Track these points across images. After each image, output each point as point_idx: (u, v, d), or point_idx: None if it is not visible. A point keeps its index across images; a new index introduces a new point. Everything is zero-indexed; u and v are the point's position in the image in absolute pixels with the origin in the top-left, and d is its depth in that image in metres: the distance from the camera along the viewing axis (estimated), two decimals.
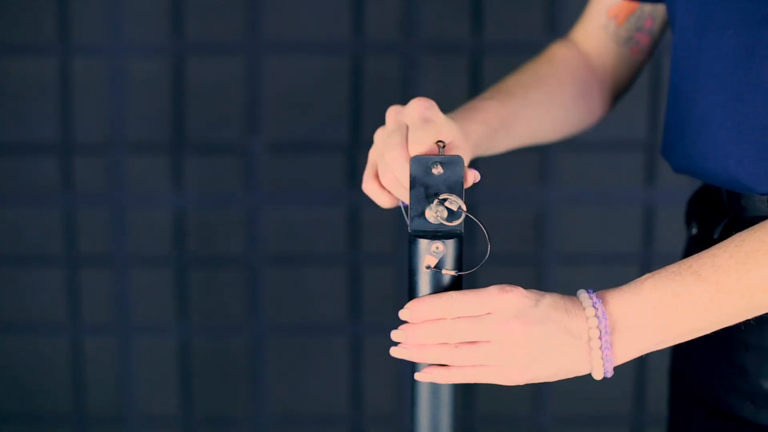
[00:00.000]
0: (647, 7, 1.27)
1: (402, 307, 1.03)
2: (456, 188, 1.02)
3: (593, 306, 1.00)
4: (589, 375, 1.01)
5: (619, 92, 1.33)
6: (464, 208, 1.00)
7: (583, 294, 1.01)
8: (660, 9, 1.27)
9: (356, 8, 2.07)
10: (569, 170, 2.11)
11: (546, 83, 1.27)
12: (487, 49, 2.08)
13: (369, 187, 1.08)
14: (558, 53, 1.31)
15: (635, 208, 2.13)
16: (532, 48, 2.09)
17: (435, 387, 1.03)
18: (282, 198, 2.13)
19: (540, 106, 1.25)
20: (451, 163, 1.01)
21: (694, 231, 1.22)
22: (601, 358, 0.99)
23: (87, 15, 2.06)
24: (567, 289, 2.31)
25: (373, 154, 1.08)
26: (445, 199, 1.00)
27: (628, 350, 1.00)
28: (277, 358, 2.18)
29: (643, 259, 2.15)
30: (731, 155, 1.09)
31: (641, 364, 2.16)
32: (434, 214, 1.01)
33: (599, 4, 1.29)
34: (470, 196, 2.11)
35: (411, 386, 1.05)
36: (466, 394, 2.18)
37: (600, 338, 0.99)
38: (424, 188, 1.01)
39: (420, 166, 1.01)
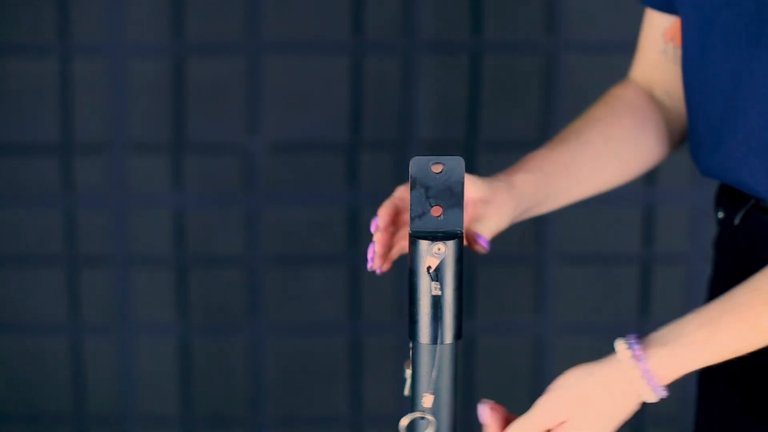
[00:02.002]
0: None
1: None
2: (456, 188, 1.02)
3: (643, 377, 1.05)
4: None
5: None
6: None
7: (626, 359, 1.05)
8: None
9: (356, 8, 2.07)
10: None
11: (601, 121, 1.20)
12: (487, 49, 2.08)
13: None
14: (613, 92, 1.25)
15: (635, 208, 2.13)
16: (532, 48, 2.09)
17: (435, 387, 1.03)
18: (282, 198, 2.13)
19: (597, 144, 1.19)
20: (452, 163, 1.01)
21: (720, 215, 1.23)
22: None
23: (87, 15, 2.06)
24: (567, 288, 2.31)
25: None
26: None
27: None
28: (277, 358, 2.18)
29: (643, 259, 2.15)
30: (744, 166, 1.11)
31: None
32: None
33: (653, 30, 1.24)
34: None
35: (411, 385, 1.05)
36: (467, 394, 2.18)
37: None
38: (424, 189, 1.01)
39: (420, 167, 1.01)
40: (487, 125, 2.10)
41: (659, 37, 1.23)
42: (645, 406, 2.42)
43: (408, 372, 1.08)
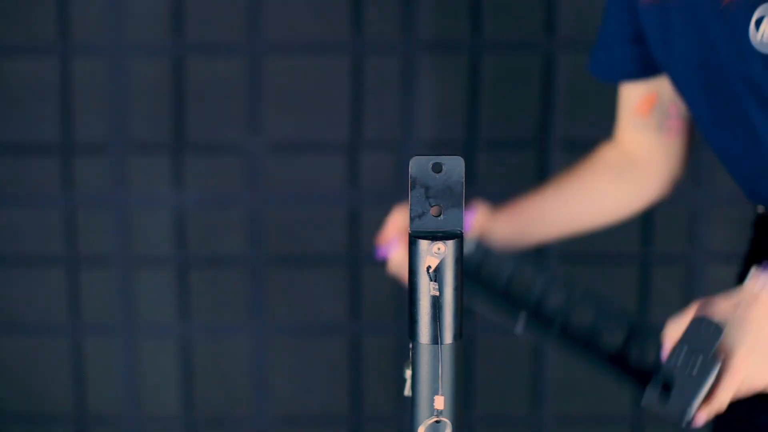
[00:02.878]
0: (666, 95, 1.40)
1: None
2: (456, 188, 1.02)
3: None
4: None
5: (676, 174, 1.47)
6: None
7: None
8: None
9: (356, 8, 2.07)
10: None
11: (579, 178, 1.47)
12: (487, 48, 2.08)
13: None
14: (598, 152, 1.49)
15: None
16: (532, 48, 2.10)
17: (435, 387, 1.03)
18: (282, 198, 2.13)
19: (571, 196, 1.46)
20: (452, 163, 1.02)
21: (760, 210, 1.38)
22: None
23: (87, 15, 2.06)
24: None
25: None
26: None
27: None
28: (277, 358, 2.18)
29: (643, 259, 2.15)
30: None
31: None
32: None
33: (624, 105, 1.44)
34: (470, 196, 2.11)
35: (412, 385, 1.05)
36: (467, 394, 2.18)
37: None
38: (424, 189, 1.02)
39: (420, 167, 1.02)
40: (486, 125, 2.10)
41: (629, 112, 1.43)
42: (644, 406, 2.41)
43: (408, 372, 1.08)
